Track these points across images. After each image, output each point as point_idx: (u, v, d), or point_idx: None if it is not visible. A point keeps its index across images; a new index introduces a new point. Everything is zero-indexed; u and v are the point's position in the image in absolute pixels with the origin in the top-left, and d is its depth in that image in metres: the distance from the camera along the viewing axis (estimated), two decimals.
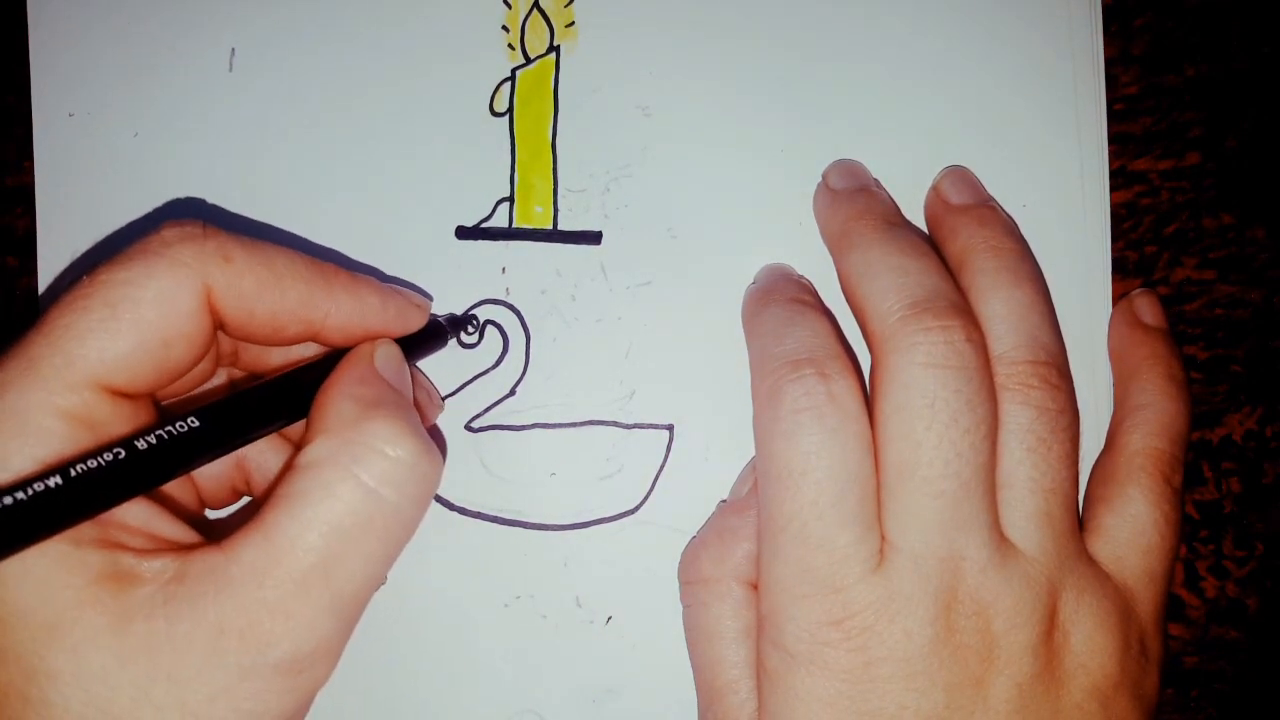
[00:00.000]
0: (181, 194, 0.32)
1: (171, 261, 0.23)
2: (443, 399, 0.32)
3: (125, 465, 0.22)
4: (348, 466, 0.23)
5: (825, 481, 0.26)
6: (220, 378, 0.29)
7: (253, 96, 0.32)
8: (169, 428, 0.23)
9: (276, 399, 0.26)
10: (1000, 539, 0.27)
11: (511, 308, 0.32)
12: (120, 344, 0.23)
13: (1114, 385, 0.32)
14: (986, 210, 0.31)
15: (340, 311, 0.26)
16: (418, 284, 0.32)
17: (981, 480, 0.26)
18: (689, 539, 0.31)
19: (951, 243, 0.30)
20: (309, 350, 0.29)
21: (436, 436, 0.32)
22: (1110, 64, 0.33)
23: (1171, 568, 0.29)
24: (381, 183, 0.32)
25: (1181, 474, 0.30)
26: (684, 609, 0.30)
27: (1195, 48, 0.33)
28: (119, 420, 0.23)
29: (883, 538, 0.27)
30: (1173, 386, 0.30)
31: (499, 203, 0.32)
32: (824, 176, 0.32)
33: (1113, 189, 0.33)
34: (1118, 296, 0.32)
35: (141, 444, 0.22)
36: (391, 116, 0.32)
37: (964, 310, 0.27)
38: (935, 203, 0.31)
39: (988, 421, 0.27)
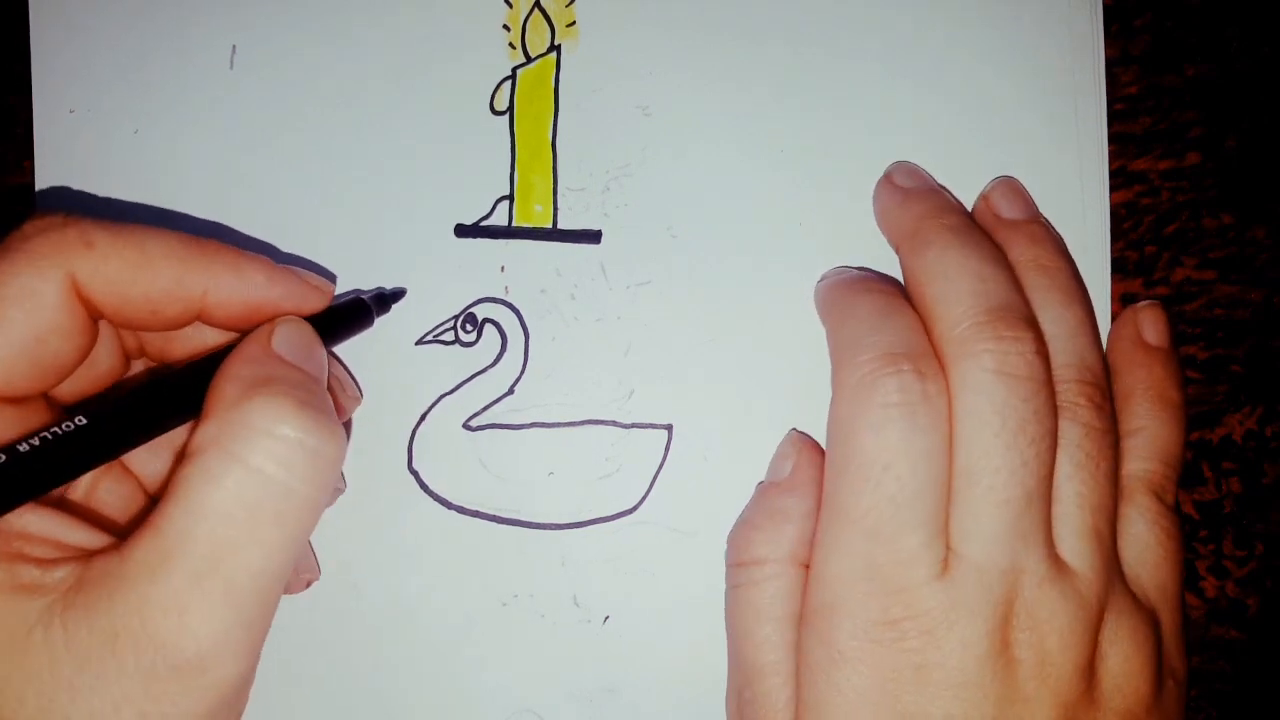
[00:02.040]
0: (181, 193, 0.32)
1: (30, 255, 0.23)
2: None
3: (6, 471, 0.21)
4: (228, 449, 0.22)
5: (907, 478, 0.26)
6: (137, 369, 0.28)
7: (253, 94, 0.32)
8: (54, 429, 0.22)
9: (174, 390, 0.24)
10: (1054, 555, 0.27)
11: (510, 306, 0.32)
12: None
13: (1113, 400, 0.31)
14: (1037, 227, 0.31)
15: (220, 289, 0.25)
16: (416, 282, 0.32)
17: (1042, 493, 0.26)
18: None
19: None
20: (221, 337, 0.27)
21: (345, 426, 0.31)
22: (1110, 64, 0.33)
23: (1181, 582, 0.29)
24: (381, 180, 0.32)
25: (1175, 490, 0.30)
26: (731, 589, 0.30)
27: (1195, 48, 0.33)
28: (6, 425, 0.23)
29: (946, 545, 0.26)
30: (1166, 411, 0.30)
31: (498, 201, 0.32)
32: (888, 174, 0.32)
33: (1113, 189, 0.33)
34: (1118, 296, 0.32)
35: (24, 447, 0.21)
36: (391, 115, 0.32)
37: (1035, 324, 0.27)
38: (985, 214, 0.31)
39: (1051, 435, 0.27)
